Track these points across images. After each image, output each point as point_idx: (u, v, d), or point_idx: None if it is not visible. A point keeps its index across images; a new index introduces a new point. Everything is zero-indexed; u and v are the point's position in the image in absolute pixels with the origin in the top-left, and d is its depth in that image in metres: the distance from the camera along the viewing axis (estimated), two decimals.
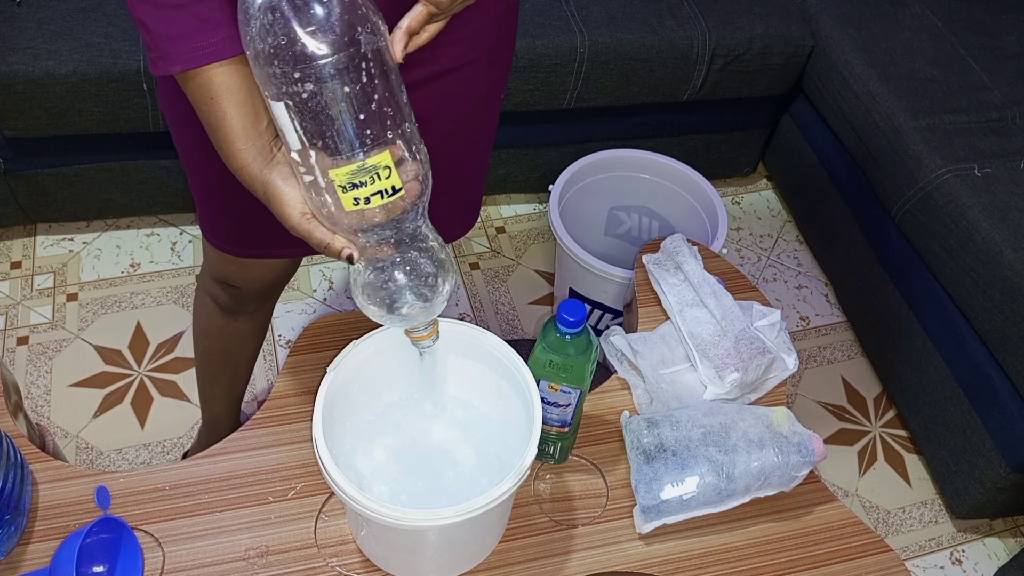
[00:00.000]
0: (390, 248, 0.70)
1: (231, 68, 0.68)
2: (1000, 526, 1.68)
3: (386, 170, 0.65)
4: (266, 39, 0.61)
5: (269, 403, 1.01)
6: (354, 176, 0.65)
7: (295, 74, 0.61)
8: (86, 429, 1.61)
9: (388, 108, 0.65)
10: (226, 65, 0.67)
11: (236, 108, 0.68)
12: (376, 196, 0.66)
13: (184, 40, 0.67)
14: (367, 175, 0.65)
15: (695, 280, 1.11)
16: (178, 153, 0.96)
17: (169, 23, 0.67)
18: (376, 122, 0.65)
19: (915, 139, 1.66)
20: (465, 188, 1.06)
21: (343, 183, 0.65)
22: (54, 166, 1.73)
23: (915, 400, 1.69)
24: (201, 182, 0.98)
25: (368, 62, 0.63)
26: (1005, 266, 1.45)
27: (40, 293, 1.80)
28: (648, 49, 1.78)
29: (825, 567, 0.94)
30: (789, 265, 2.06)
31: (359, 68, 0.63)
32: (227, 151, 0.70)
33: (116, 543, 0.87)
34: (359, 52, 0.62)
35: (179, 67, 0.68)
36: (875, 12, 1.92)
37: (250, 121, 0.68)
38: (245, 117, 0.68)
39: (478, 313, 1.88)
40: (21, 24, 1.58)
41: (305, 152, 0.65)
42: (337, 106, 0.63)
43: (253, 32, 0.61)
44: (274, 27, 0.60)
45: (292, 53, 0.60)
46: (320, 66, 0.61)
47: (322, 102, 0.63)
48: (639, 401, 1.04)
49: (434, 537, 0.80)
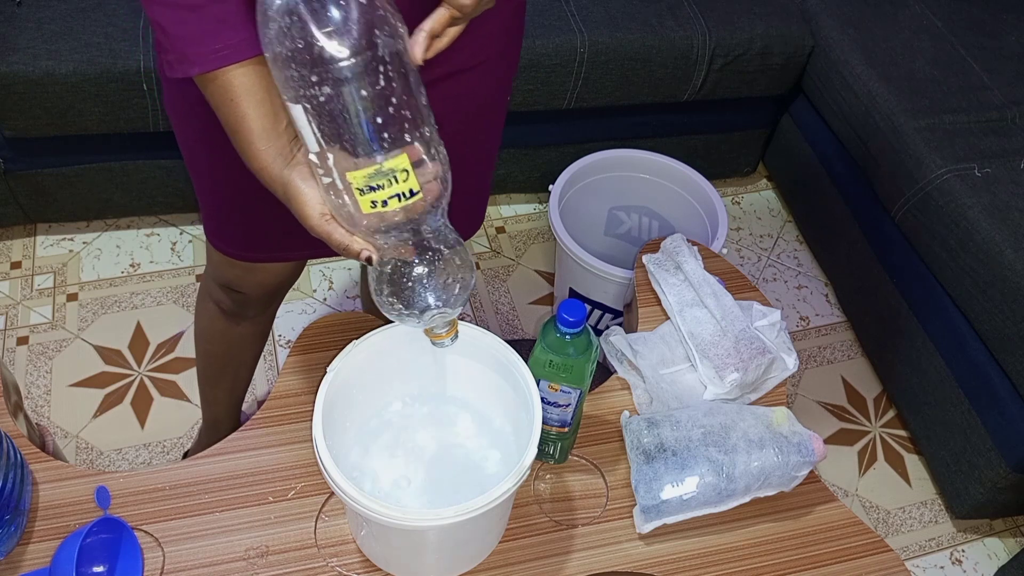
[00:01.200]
0: (410, 249, 0.69)
1: (250, 69, 0.68)
2: (1000, 526, 1.68)
3: (404, 173, 0.65)
4: (284, 42, 0.60)
5: (269, 403, 1.01)
6: (371, 179, 0.65)
7: (312, 77, 0.61)
8: (86, 429, 1.61)
9: (406, 111, 0.65)
10: (245, 66, 0.67)
11: (256, 109, 0.68)
12: (394, 199, 0.65)
13: (202, 42, 0.67)
14: (384, 178, 0.65)
15: (695, 280, 1.11)
16: (183, 158, 0.96)
17: (187, 24, 0.67)
18: (394, 125, 0.64)
19: (915, 139, 1.66)
20: (472, 189, 1.06)
21: (360, 186, 0.65)
22: (54, 166, 1.73)
23: (915, 400, 1.69)
24: (207, 186, 0.98)
25: (386, 65, 0.62)
26: (1005, 266, 1.45)
27: (40, 293, 1.80)
28: (648, 49, 1.78)
29: (825, 567, 0.94)
30: (789, 265, 2.06)
31: (377, 71, 0.62)
32: (248, 152, 0.70)
33: (116, 543, 0.87)
34: (377, 55, 0.62)
35: (198, 69, 0.67)
36: (875, 12, 1.92)
37: (270, 122, 0.68)
38: (265, 118, 0.68)
39: (478, 313, 1.88)
40: (21, 24, 1.58)
41: (323, 154, 0.65)
42: (354, 109, 0.63)
43: (271, 35, 0.61)
44: (291, 30, 0.60)
45: (309, 56, 0.60)
46: (337, 69, 0.61)
47: (339, 105, 0.62)
48: (639, 401, 1.04)
49: (434, 537, 0.80)
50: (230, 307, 1.18)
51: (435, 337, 0.77)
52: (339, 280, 1.90)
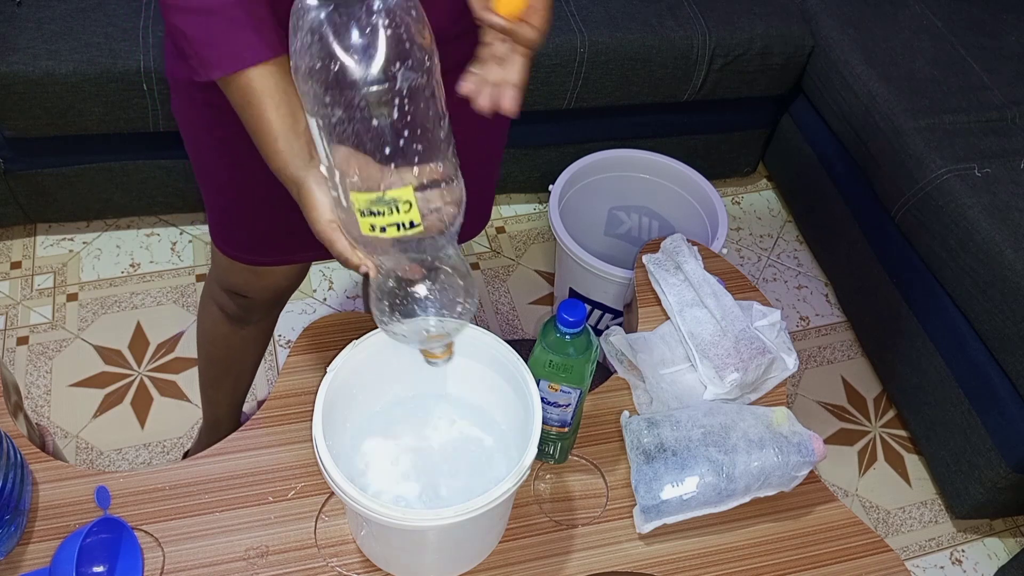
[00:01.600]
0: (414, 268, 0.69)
1: (269, 70, 0.69)
2: (1000, 526, 1.68)
3: (406, 204, 0.65)
4: (305, 57, 0.61)
5: (269, 403, 1.01)
6: (372, 204, 0.65)
7: (327, 97, 0.61)
8: (86, 429, 1.61)
9: (418, 144, 0.64)
10: (264, 67, 0.68)
11: (275, 110, 0.69)
12: (392, 227, 0.65)
13: (222, 45, 0.68)
14: (385, 206, 0.65)
15: (695, 280, 1.11)
16: (191, 163, 0.97)
17: (207, 29, 0.68)
18: (402, 157, 0.64)
19: (915, 139, 1.66)
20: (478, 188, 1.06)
21: (362, 208, 0.65)
22: (54, 166, 1.73)
23: (915, 400, 1.69)
24: (214, 190, 0.98)
25: (403, 98, 0.62)
26: (1005, 266, 1.45)
27: (40, 293, 1.80)
28: (648, 49, 1.78)
29: (825, 567, 0.94)
30: (789, 265, 2.06)
31: (391, 103, 0.62)
32: (267, 151, 0.71)
33: (116, 543, 0.87)
34: (394, 88, 0.61)
35: (219, 72, 0.69)
36: (875, 12, 1.92)
37: (288, 123, 0.70)
38: (284, 119, 0.69)
39: (478, 313, 1.88)
40: (21, 24, 1.58)
41: (331, 168, 0.66)
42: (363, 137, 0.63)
43: (296, 46, 0.61)
44: (312, 48, 0.60)
45: (326, 77, 0.60)
46: (351, 96, 0.61)
47: (349, 130, 0.62)
48: (639, 401, 1.04)
49: (434, 537, 0.80)
50: (235, 311, 1.18)
51: (429, 356, 0.77)
52: (339, 280, 1.90)
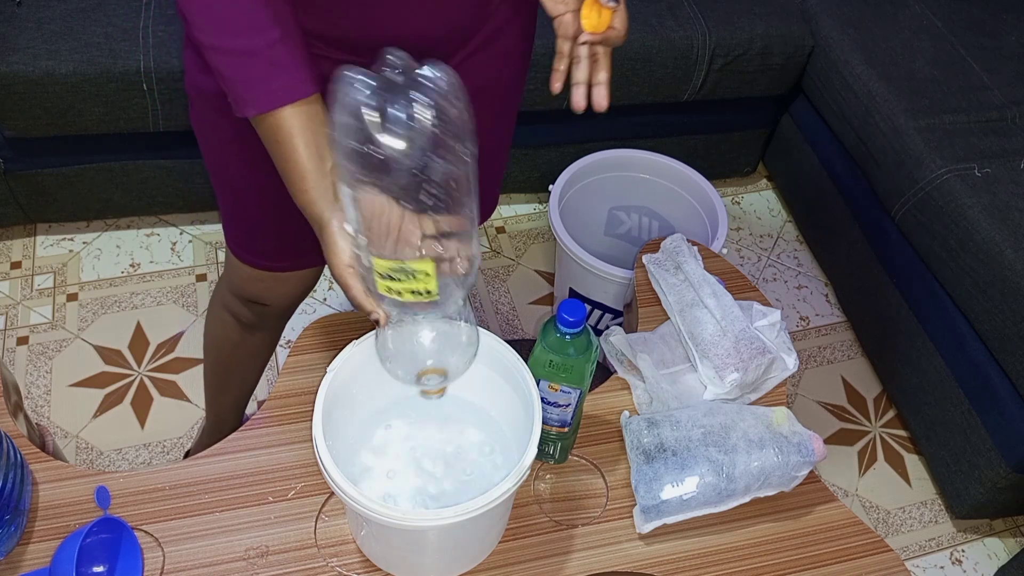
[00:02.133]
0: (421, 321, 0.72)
1: (300, 110, 0.71)
2: (1000, 526, 1.68)
3: (425, 276, 0.67)
4: (342, 135, 0.62)
5: (269, 403, 1.01)
6: (392, 271, 0.66)
7: (358, 175, 0.63)
8: (86, 429, 1.61)
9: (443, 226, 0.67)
10: (295, 107, 0.71)
11: (305, 149, 0.71)
12: (408, 293, 0.67)
13: (257, 85, 0.70)
14: (405, 274, 0.66)
15: (695, 280, 1.11)
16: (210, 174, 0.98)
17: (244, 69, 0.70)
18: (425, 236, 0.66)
19: (915, 139, 1.66)
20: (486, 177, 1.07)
21: (381, 271, 0.67)
22: (54, 166, 1.73)
23: (915, 400, 1.69)
24: (235, 198, 0.99)
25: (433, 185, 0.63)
26: (1005, 266, 1.45)
27: (40, 293, 1.80)
28: (648, 49, 1.77)
29: (825, 567, 0.94)
30: (789, 265, 2.06)
31: (419, 189, 0.63)
32: (294, 188, 0.74)
33: (116, 543, 0.87)
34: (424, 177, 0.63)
35: (253, 111, 0.71)
36: (875, 12, 1.92)
37: (316, 163, 0.72)
38: (312, 159, 0.71)
39: (478, 313, 1.88)
40: (21, 24, 1.58)
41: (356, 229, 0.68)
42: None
43: (336, 119, 0.63)
44: (349, 128, 0.62)
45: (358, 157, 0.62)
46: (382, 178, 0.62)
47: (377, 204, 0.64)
48: (639, 401, 1.04)
49: (434, 537, 0.80)
50: (250, 319, 1.19)
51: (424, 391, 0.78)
52: None
